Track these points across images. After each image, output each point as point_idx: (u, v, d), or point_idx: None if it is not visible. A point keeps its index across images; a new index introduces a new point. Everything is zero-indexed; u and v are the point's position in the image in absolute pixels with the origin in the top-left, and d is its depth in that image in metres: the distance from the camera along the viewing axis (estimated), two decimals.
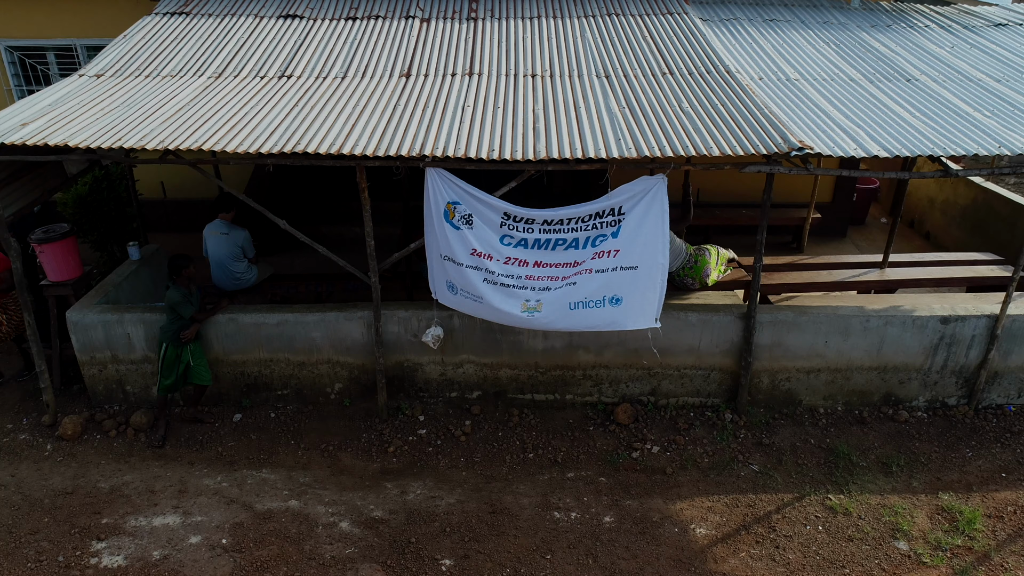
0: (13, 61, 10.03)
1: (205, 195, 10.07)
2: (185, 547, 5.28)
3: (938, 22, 8.53)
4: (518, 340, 6.54)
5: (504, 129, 5.89)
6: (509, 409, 6.75)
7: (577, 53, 7.37)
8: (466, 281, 5.85)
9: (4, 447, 6.41)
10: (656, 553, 5.22)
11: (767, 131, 5.68)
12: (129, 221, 8.72)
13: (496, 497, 5.75)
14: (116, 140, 5.63)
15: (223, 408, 6.81)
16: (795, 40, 7.83)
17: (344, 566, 5.12)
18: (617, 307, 5.86)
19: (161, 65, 7.17)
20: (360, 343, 6.56)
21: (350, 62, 7.25)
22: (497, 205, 5.72)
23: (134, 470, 6.10)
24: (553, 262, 5.82)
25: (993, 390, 6.71)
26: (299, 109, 6.24)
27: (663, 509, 5.62)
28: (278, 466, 6.13)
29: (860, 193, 11.17)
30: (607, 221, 5.74)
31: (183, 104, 6.34)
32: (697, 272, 7.14)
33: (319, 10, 8.31)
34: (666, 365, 6.60)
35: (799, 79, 6.97)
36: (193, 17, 8.17)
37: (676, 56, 7.23)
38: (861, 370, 6.59)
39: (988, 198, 9.61)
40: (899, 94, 6.67)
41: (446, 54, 7.39)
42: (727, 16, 8.37)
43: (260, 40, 7.65)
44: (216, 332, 6.53)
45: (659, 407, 6.73)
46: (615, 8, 8.36)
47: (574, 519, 5.52)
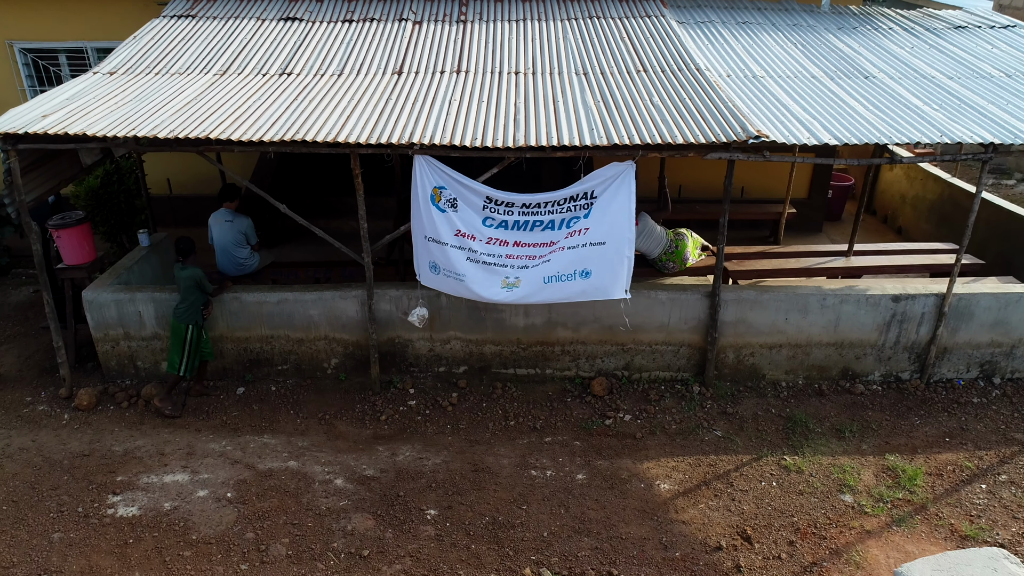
0: (27, 63, 10.56)
1: (209, 191, 10.55)
2: (193, 499, 5.77)
3: (902, 24, 9.06)
4: (501, 317, 7.04)
5: (487, 120, 6.41)
6: (493, 383, 7.25)
7: (558, 53, 7.90)
8: (449, 260, 6.36)
9: (25, 417, 6.90)
10: (623, 505, 5.71)
11: (728, 121, 6.19)
12: (137, 213, 9.22)
13: (479, 458, 6.24)
14: (130, 130, 6.15)
15: (228, 382, 7.31)
16: (764, 41, 8.36)
17: (338, 516, 5.61)
18: (587, 279, 6.37)
19: (170, 63, 7.70)
20: (355, 320, 7.06)
21: (346, 61, 7.77)
22: (480, 190, 6.24)
23: (145, 436, 6.59)
24: (531, 242, 6.33)
25: (943, 365, 7.20)
26: (298, 103, 6.76)
27: (631, 468, 6.11)
28: (278, 432, 6.63)
29: (835, 190, 11.67)
30: (580, 204, 6.26)
31: (191, 98, 6.86)
32: (678, 255, 7.63)
33: (317, 13, 8.84)
34: (638, 341, 7.10)
35: (764, 76, 7.49)
36: (199, 20, 8.71)
37: (651, 55, 7.76)
38: (820, 346, 7.09)
39: (953, 193, 10.12)
40: (857, 90, 7.20)
41: (436, 53, 7.92)
42: (702, 19, 8.90)
43: (262, 41, 8.18)
44: (221, 310, 7.03)
45: (632, 381, 7.23)
46: (596, 11, 8.90)
47: (549, 476, 6.02)
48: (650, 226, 7.53)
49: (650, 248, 7.58)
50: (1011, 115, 6.62)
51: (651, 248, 7.59)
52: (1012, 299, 6.96)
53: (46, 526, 5.54)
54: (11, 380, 7.49)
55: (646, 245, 7.55)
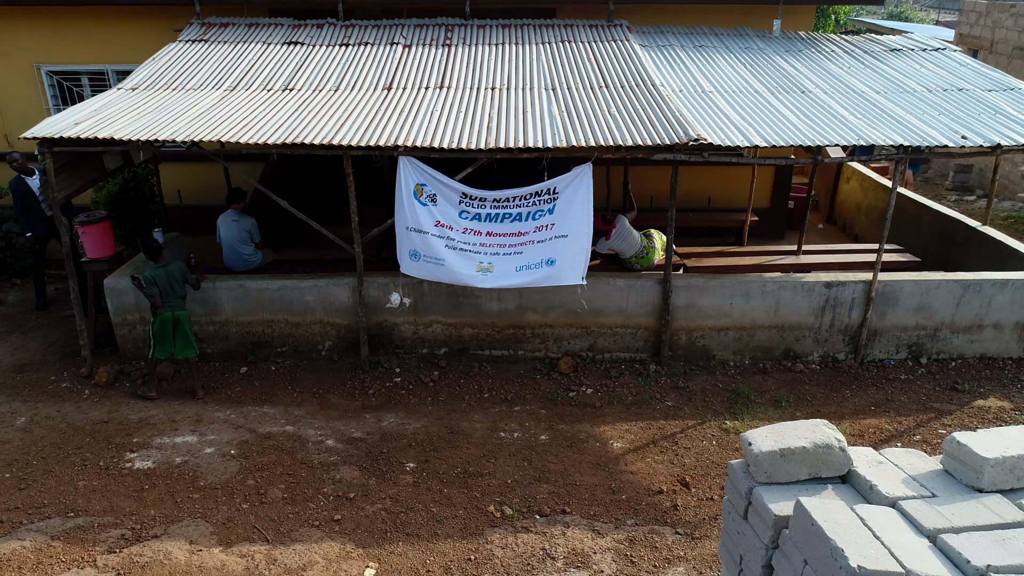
0: (52, 84, 11.53)
1: (215, 201, 11.42)
2: (201, 455, 6.56)
3: (844, 48, 10.03)
4: (477, 303, 7.88)
5: (464, 127, 7.32)
6: (471, 363, 8.06)
7: (531, 71, 8.85)
8: (431, 247, 7.23)
9: (49, 392, 7.71)
10: (579, 459, 6.49)
11: (673, 127, 7.10)
12: (151, 218, 10.11)
13: (454, 423, 7.04)
14: (151, 134, 7.05)
15: (232, 363, 8.12)
16: (717, 61, 9.31)
17: (328, 468, 6.39)
18: (552, 267, 7.23)
19: (185, 81, 8.64)
20: (347, 306, 7.90)
21: (342, 78, 8.72)
22: (456, 186, 7.13)
23: (158, 407, 7.39)
24: (502, 232, 7.20)
25: (875, 346, 8.02)
26: (299, 113, 7.68)
27: (589, 431, 6.90)
28: (277, 404, 7.42)
29: (797, 201, 12.56)
30: (544, 199, 7.14)
31: (204, 109, 7.78)
32: (647, 260, 8.48)
33: (317, 38, 9.81)
34: (600, 324, 7.93)
35: (712, 91, 8.42)
36: (211, 44, 9.68)
37: (613, 73, 8.69)
38: (763, 328, 7.91)
39: (900, 201, 10.99)
40: (792, 102, 8.11)
41: (422, 72, 8.86)
42: (663, 43, 9.86)
43: (267, 62, 9.14)
44: (227, 296, 7.88)
45: (596, 360, 8.05)
46: (568, 36, 9.87)
47: (516, 437, 6.81)
48: (627, 228, 8.39)
49: (624, 249, 8.43)
50: (924, 123, 7.53)
51: (625, 249, 8.44)
52: (932, 286, 7.80)
53: (72, 476, 6.32)
54: (36, 363, 8.30)
55: (622, 246, 8.40)
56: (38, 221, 9.13)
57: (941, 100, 8.27)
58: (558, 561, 5.30)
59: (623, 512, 5.86)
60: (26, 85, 11.43)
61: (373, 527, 5.68)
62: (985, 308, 7.86)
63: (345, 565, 5.27)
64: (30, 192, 8.97)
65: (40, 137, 7.08)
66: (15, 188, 8.93)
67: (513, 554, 5.37)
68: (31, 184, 8.96)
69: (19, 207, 9.09)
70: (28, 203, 9.01)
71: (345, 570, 5.22)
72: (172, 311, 7.34)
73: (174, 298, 7.37)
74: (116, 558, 5.32)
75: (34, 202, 8.99)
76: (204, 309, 7.95)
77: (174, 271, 7.39)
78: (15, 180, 8.95)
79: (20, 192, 8.95)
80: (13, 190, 8.94)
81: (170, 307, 7.34)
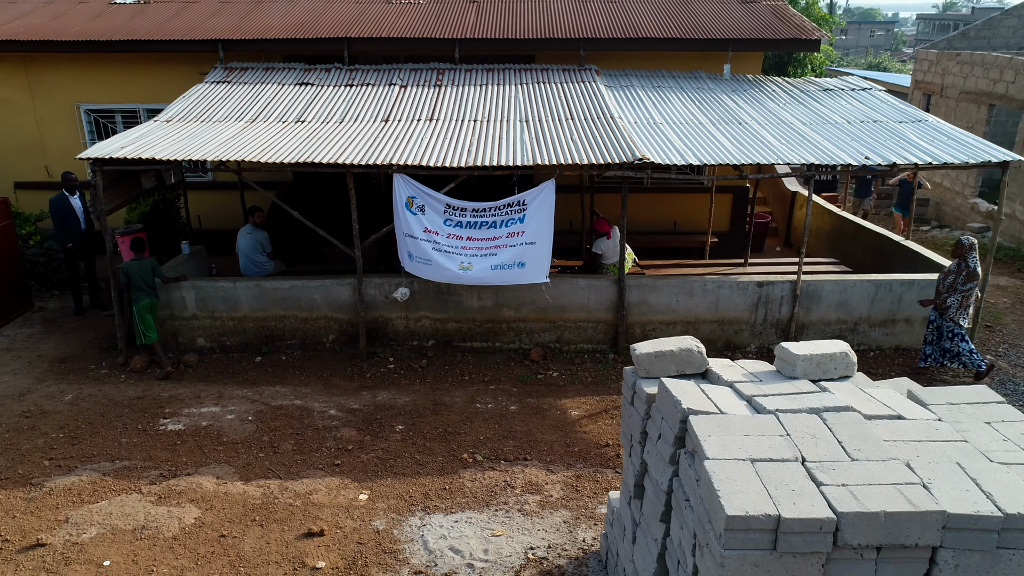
0: (89, 121, 13.03)
1: (230, 226, 12.81)
2: (223, 420, 7.78)
3: (784, 88, 11.51)
4: (460, 300, 9.18)
5: (449, 150, 8.72)
6: (455, 353, 9.32)
7: (509, 107, 10.30)
8: (420, 249, 8.57)
9: (91, 376, 8.95)
10: (542, 423, 7.71)
11: (623, 149, 8.49)
12: (176, 236, 11.48)
13: (438, 397, 8.27)
14: (186, 155, 8.46)
15: (248, 353, 9.38)
16: (671, 99, 10.78)
17: (331, 429, 7.61)
18: (522, 269, 8.55)
19: (212, 115, 10.09)
20: (348, 303, 9.20)
21: (346, 113, 10.17)
22: (441, 198, 8.50)
23: (185, 387, 8.63)
24: (479, 237, 8.54)
25: (804, 338, 9.27)
26: (309, 139, 9.10)
27: (552, 403, 8.13)
28: (287, 384, 8.66)
29: (756, 226, 13.93)
30: (515, 210, 8.51)
31: (229, 137, 9.21)
32: (615, 270, 9.79)
33: (325, 80, 11.32)
34: (566, 319, 9.21)
35: (663, 123, 9.85)
36: (233, 84, 11.19)
37: (579, 108, 10.15)
38: (706, 322, 9.18)
39: (841, 223, 12.38)
40: (729, 132, 9.53)
41: (415, 108, 10.32)
42: (626, 84, 11.36)
43: (282, 99, 10.62)
44: (246, 295, 9.18)
45: (562, 351, 9.30)
46: (543, 79, 11.37)
47: (490, 407, 8.03)
48: (618, 237, 9.66)
49: (609, 255, 9.73)
50: (836, 146, 8.92)
51: (610, 255, 9.74)
52: (850, 285, 9.10)
53: (115, 436, 7.54)
54: (77, 355, 9.55)
55: (608, 251, 9.69)
56: (74, 235, 10.47)
57: (857, 129, 9.68)
58: (517, 489, 6.49)
59: (574, 459, 7.05)
60: (67, 122, 12.94)
61: (367, 469, 6.88)
62: (896, 304, 9.14)
63: (343, 492, 6.46)
64: (71, 210, 10.35)
65: (93, 157, 8.48)
66: (58, 204, 10.28)
67: (480, 485, 6.56)
68: (73, 203, 10.34)
69: (58, 222, 10.42)
70: (67, 219, 10.35)
71: (343, 495, 6.41)
72: (149, 299, 8.74)
73: (144, 286, 8.75)
74: (157, 488, 6.52)
75: (72, 218, 10.36)
76: (225, 306, 9.25)
77: (145, 266, 8.79)
78: (58, 197, 10.32)
79: (62, 209, 10.31)
80: (56, 206, 10.29)
81: (146, 295, 8.74)
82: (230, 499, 6.35)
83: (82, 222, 10.43)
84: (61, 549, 5.70)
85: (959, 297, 8.20)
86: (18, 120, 12.87)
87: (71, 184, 10.36)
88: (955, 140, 9.26)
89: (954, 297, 8.21)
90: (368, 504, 6.30)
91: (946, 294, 8.28)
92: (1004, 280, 12.81)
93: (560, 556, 5.63)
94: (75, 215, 10.32)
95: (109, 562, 5.55)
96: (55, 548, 5.71)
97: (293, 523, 6.02)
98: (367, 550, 5.70)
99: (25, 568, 5.50)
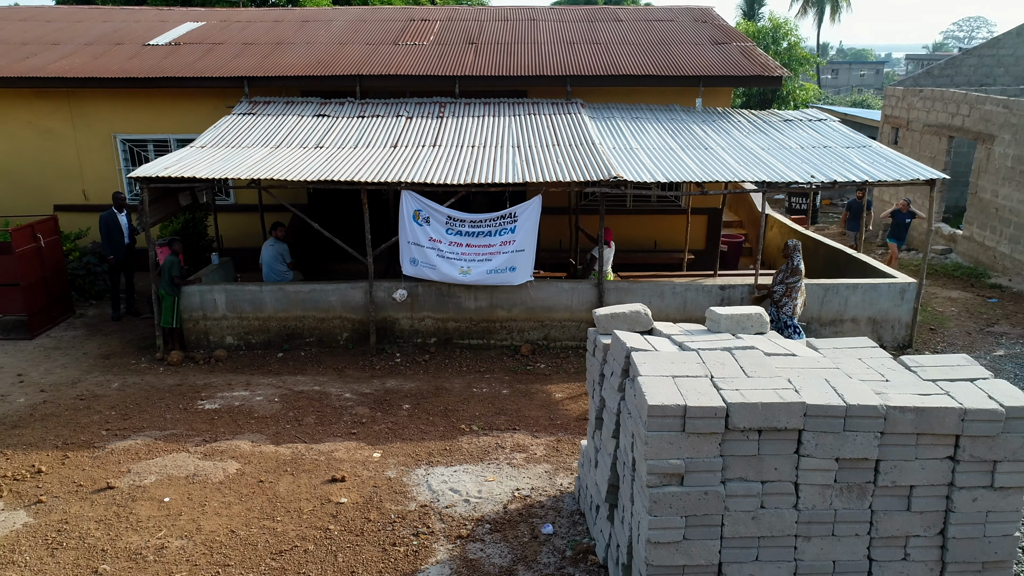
0: (124, 150, 14.41)
1: (249, 245, 14.11)
2: (253, 401, 8.97)
3: (748, 119, 12.90)
4: (459, 302, 10.41)
5: (450, 170, 10.04)
6: (454, 349, 10.53)
7: (503, 134, 11.67)
8: (426, 255, 9.85)
9: (132, 369, 10.14)
10: (530, 403, 8.89)
11: (600, 169, 9.82)
12: (203, 251, 12.75)
13: (440, 384, 9.46)
14: (222, 173, 9.78)
15: (271, 349, 10.59)
16: (646, 128, 12.15)
17: (347, 407, 8.78)
18: (512, 272, 9.85)
19: (241, 141, 11.45)
20: (360, 304, 10.43)
21: (359, 140, 11.53)
22: (444, 211, 9.81)
23: (217, 376, 9.82)
24: (477, 244, 9.83)
25: None
26: (328, 162, 10.43)
27: (539, 388, 9.32)
28: (307, 374, 9.85)
29: (730, 246, 15.22)
30: (508, 221, 9.81)
31: (257, 160, 10.54)
32: (607, 276, 11.05)
33: (340, 112, 12.71)
34: (552, 319, 10.44)
35: (638, 148, 11.20)
36: (257, 116, 12.58)
37: (564, 136, 11.51)
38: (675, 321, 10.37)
39: (806, 241, 13.66)
40: (695, 155, 10.86)
41: (420, 135, 11.69)
42: (607, 115, 12.75)
43: (302, 128, 11.99)
44: (270, 297, 10.42)
45: (549, 347, 10.52)
46: (534, 111, 12.77)
47: (484, 391, 9.22)
48: (614, 249, 10.94)
49: (604, 260, 10.98)
50: (787, 167, 10.25)
51: (604, 261, 10.99)
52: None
53: (160, 413, 8.71)
54: (119, 352, 10.75)
55: (606, 257, 10.94)
56: (118, 249, 11.75)
57: (808, 153, 11.03)
58: (506, 449, 7.66)
59: (556, 429, 8.23)
60: (104, 150, 14.32)
61: (379, 436, 8.05)
62: (843, 305, 10.39)
63: (360, 452, 7.63)
64: (118, 225, 11.65)
65: (143, 176, 9.80)
66: (107, 220, 11.58)
67: (476, 447, 7.73)
68: (120, 219, 11.65)
69: (105, 236, 11.71)
70: (113, 233, 11.65)
71: (360, 454, 7.58)
72: (162, 290, 10.21)
73: (165, 279, 10.22)
74: (202, 448, 7.70)
75: (118, 233, 11.66)
76: (252, 308, 10.49)
77: (165, 267, 10.18)
78: (108, 213, 11.63)
79: (110, 224, 11.61)
80: (105, 221, 11.59)
81: (163, 287, 10.21)
82: (264, 456, 7.52)
83: (126, 237, 11.72)
84: (127, 491, 6.86)
85: (784, 288, 9.72)
86: (60, 148, 14.25)
87: (120, 202, 11.69)
88: (892, 162, 10.60)
89: (780, 287, 9.74)
90: (381, 460, 7.47)
91: (776, 287, 9.82)
92: (956, 293, 14.04)
93: (541, 495, 6.79)
94: (121, 230, 11.62)
95: (168, 499, 6.71)
96: (122, 490, 6.87)
97: (319, 472, 7.18)
98: (381, 491, 6.86)
99: (99, 504, 6.66)
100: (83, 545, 6.07)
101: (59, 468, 7.34)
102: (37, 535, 6.21)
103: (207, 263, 11.94)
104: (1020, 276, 15.12)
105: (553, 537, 6.14)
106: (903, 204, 14.12)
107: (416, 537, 6.15)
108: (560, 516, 6.45)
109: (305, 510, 6.55)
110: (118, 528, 6.29)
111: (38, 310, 11.28)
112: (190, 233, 12.66)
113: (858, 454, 4.33)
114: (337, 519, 6.41)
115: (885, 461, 4.38)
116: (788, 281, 9.70)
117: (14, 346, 10.83)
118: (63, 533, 6.23)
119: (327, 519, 6.41)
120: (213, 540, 6.11)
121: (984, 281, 14.94)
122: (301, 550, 5.98)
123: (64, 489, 6.93)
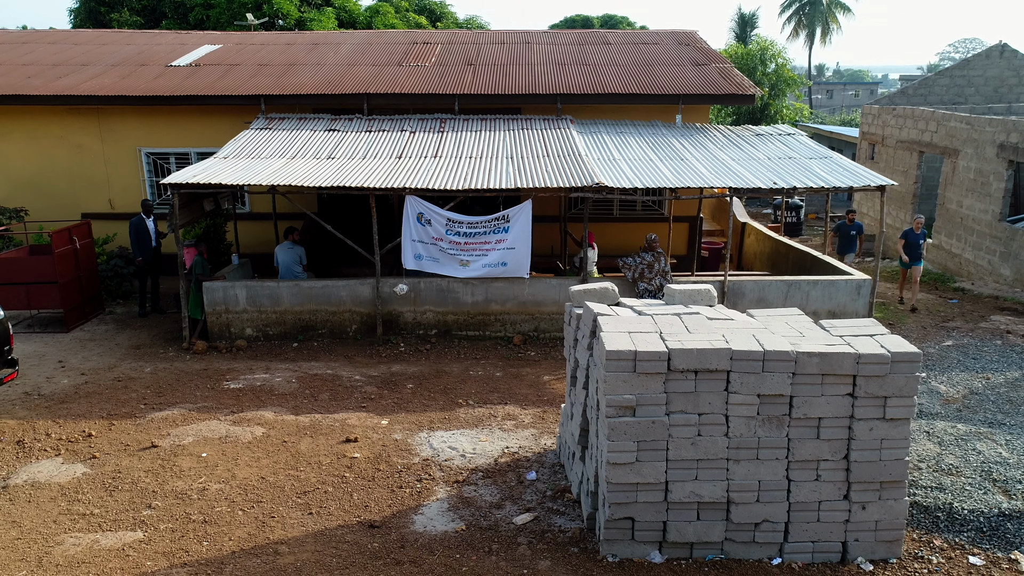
0: (148, 162, 15.57)
1: (264, 251, 15.21)
2: (272, 381, 10.04)
3: (724, 134, 14.07)
4: (457, 296, 11.51)
5: (450, 178, 11.18)
6: (452, 340, 11.61)
7: (498, 146, 12.83)
8: (429, 251, 10.99)
9: (162, 357, 11.21)
10: (520, 383, 9.95)
11: (584, 176, 10.96)
12: (223, 254, 13.87)
13: (440, 368, 10.53)
14: (245, 180, 10.92)
15: (287, 341, 11.67)
16: (628, 141, 13.31)
17: (357, 387, 9.85)
18: (505, 267, 10.97)
19: (260, 153, 12.60)
20: (368, 299, 11.52)
21: (367, 152, 12.69)
22: (444, 214, 10.95)
23: (239, 363, 10.89)
24: (475, 242, 10.96)
25: None
26: (339, 170, 11.57)
27: (529, 371, 10.39)
28: (320, 361, 10.92)
29: (711, 251, 16.35)
30: (501, 224, 10.94)
31: (274, 169, 11.69)
32: (591, 275, 12.15)
33: (349, 127, 13.89)
34: (542, 312, 11.53)
35: (620, 159, 12.35)
36: (273, 131, 13.75)
37: (553, 147, 12.67)
38: None
39: (776, 245, 14.78)
40: (672, 165, 12.01)
41: (423, 148, 12.85)
42: (594, 130, 13.92)
43: (315, 141, 13.15)
44: (287, 293, 11.52)
45: (539, 338, 11.60)
46: (527, 126, 13.94)
47: (480, 374, 10.29)
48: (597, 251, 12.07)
49: (590, 260, 12.10)
50: (752, 175, 11.39)
51: (589, 261, 12.11)
52: (767, 283, 11.45)
53: (191, 392, 9.78)
54: (148, 344, 11.83)
55: (592, 257, 12.04)
56: (146, 251, 12.86)
57: (774, 164, 12.18)
58: (498, 418, 8.72)
59: (543, 403, 9.29)
60: (129, 163, 15.49)
61: (386, 408, 9.11)
62: (805, 300, 11.47)
63: (369, 420, 8.69)
64: (146, 230, 12.77)
65: (173, 183, 10.94)
66: (137, 224, 12.70)
67: (471, 416, 8.80)
68: (148, 224, 12.78)
69: (134, 240, 12.82)
70: (142, 237, 12.76)
71: (370, 421, 8.64)
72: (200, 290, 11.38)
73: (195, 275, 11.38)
74: (231, 417, 8.76)
75: (146, 237, 12.78)
76: (270, 302, 11.58)
77: (194, 266, 11.30)
78: (137, 219, 12.76)
79: (139, 228, 12.72)
80: (135, 226, 12.71)
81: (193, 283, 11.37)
82: (286, 423, 8.59)
83: (153, 240, 12.84)
84: (169, 449, 7.92)
85: (640, 270, 11.41)
86: (89, 161, 15.41)
87: (148, 208, 12.84)
88: (848, 170, 11.75)
89: (633, 272, 11.46)
90: (388, 426, 8.53)
91: (626, 270, 11.62)
92: (921, 295, 15.10)
93: (527, 452, 7.85)
94: (149, 235, 12.74)
95: (206, 454, 7.77)
96: (164, 448, 7.93)
97: (334, 435, 8.25)
98: (389, 449, 7.92)
99: (146, 459, 7.71)
100: (136, 488, 7.12)
101: (107, 433, 8.41)
102: (96, 481, 7.27)
103: (227, 264, 13.04)
104: (982, 280, 16.25)
105: (536, 482, 7.19)
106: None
107: (419, 482, 7.21)
108: (543, 467, 7.50)
109: (324, 463, 7.61)
110: (164, 476, 7.35)
111: (73, 306, 12.37)
112: (211, 237, 13.79)
113: (775, 391, 5.41)
114: (352, 469, 7.47)
115: (797, 397, 5.45)
116: (642, 264, 11.52)
117: (52, 338, 11.91)
118: (117, 479, 7.29)
119: (343, 469, 7.47)
120: (247, 484, 7.17)
121: (949, 285, 16.06)
122: (322, 491, 7.04)
123: (114, 448, 7.99)
